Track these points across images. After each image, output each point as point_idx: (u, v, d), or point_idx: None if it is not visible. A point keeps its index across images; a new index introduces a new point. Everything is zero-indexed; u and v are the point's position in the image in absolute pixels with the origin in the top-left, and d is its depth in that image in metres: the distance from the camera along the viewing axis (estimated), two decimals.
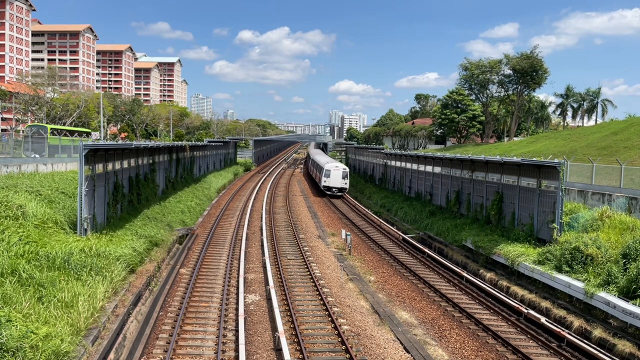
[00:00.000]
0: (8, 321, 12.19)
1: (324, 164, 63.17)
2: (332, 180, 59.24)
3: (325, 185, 59.68)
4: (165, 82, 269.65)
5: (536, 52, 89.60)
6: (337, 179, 59.37)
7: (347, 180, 60.36)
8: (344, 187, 59.95)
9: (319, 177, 63.57)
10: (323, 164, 63.39)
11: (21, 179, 26.02)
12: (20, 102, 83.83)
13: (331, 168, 59.64)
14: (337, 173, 59.53)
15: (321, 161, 67.99)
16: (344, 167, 61.16)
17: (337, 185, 59.34)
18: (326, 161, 66.09)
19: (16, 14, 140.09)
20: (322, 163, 64.65)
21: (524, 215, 28.50)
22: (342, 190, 59.64)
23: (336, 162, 63.90)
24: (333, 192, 59.11)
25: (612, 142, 48.23)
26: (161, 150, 40.65)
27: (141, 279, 21.26)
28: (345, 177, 59.59)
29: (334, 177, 59.35)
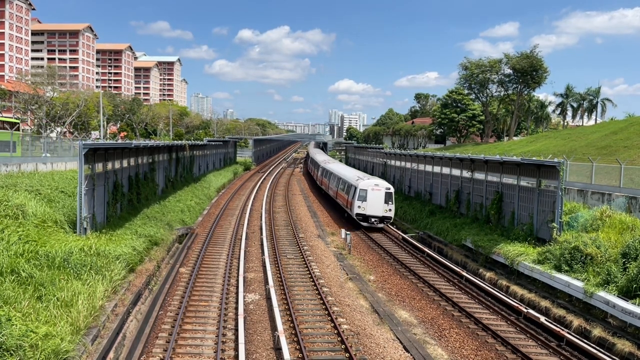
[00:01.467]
0: (8, 320, 12.18)
1: (353, 179, 42.30)
2: (371, 206, 38.69)
3: (360, 213, 38.83)
4: (165, 81, 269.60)
5: (536, 52, 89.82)
6: (377, 203, 38.68)
7: (393, 205, 39.16)
8: (388, 216, 38.98)
9: (346, 200, 42.43)
10: (352, 179, 42.60)
11: (21, 178, 26.01)
12: (19, 101, 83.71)
13: (368, 187, 39.02)
14: (377, 195, 38.74)
15: (347, 175, 46.00)
16: (387, 184, 40.09)
17: (377, 212, 38.61)
18: (357, 176, 43.83)
19: (16, 13, 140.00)
20: (351, 178, 43.32)
21: (524, 214, 28.51)
22: (385, 220, 39.05)
23: (374, 178, 42.58)
24: (372, 223, 38.59)
25: (611, 141, 48.28)
26: (161, 149, 40.64)
27: (141, 278, 21.26)
28: (389, 199, 38.91)
29: (374, 200, 38.70)
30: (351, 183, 41.57)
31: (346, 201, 42.49)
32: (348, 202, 41.58)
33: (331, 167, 57.27)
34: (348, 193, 41.65)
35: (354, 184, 40.49)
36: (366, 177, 42.29)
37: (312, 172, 74.90)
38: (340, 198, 45.40)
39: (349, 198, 41.16)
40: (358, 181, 40.31)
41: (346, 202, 42.50)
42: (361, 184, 39.23)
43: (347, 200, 42.12)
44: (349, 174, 46.21)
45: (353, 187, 40.42)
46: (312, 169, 75.61)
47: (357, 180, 40.97)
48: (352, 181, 41.77)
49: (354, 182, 40.78)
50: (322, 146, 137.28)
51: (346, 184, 43.35)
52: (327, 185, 54.28)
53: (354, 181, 41.15)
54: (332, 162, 64.87)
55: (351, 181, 41.98)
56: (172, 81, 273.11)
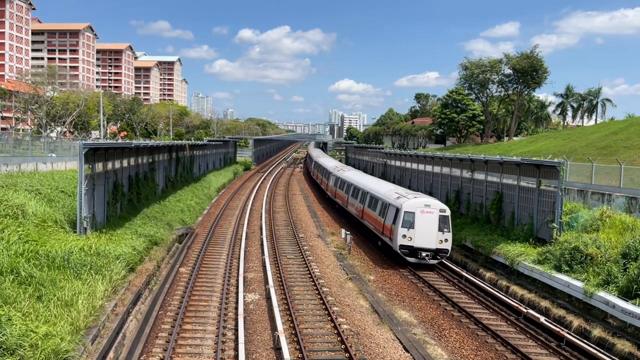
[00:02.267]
0: (8, 320, 12.18)
1: (391, 196, 31.14)
2: (421, 235, 27.85)
3: (406, 245, 27.97)
4: (165, 81, 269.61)
5: (536, 52, 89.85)
6: (429, 231, 27.96)
7: (450, 233, 28.43)
8: (444, 249, 28.20)
9: (380, 225, 31.32)
10: (389, 196, 31.42)
11: (21, 178, 26.02)
12: (20, 101, 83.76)
13: (415, 209, 28.14)
14: (428, 220, 28.05)
15: (380, 191, 34.09)
16: (440, 204, 29.21)
17: (429, 244, 27.94)
18: (395, 192, 32.16)
19: (16, 13, 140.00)
20: (386, 195, 32.04)
21: (524, 214, 28.50)
22: (439, 254, 28.26)
23: (421, 195, 30.79)
24: (422, 258, 27.88)
25: (611, 141, 48.28)
26: (161, 149, 40.64)
27: (141, 278, 21.26)
28: (445, 225, 28.15)
29: (424, 227, 27.92)
30: (388, 202, 30.38)
31: (381, 225, 31.13)
32: (384, 227, 30.36)
33: (351, 177, 44.86)
34: (383, 214, 30.73)
35: (393, 204, 29.47)
36: (409, 194, 30.22)
37: (318, 178, 64.62)
38: (370, 219, 34.16)
39: (385, 221, 30.24)
40: (400, 200, 29.07)
41: (381, 226, 31.11)
42: (405, 205, 28.05)
43: (381, 225, 30.94)
44: (383, 189, 34.26)
45: (392, 207, 29.40)
46: (319, 175, 64.51)
47: (397, 198, 29.77)
48: (389, 199, 30.60)
49: (394, 201, 29.58)
50: (322, 146, 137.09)
51: (380, 203, 32.15)
52: (345, 200, 42.94)
53: (393, 199, 29.92)
54: (349, 170, 52.77)
55: (388, 199, 30.80)
56: (172, 81, 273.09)
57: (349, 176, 45.75)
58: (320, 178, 62.56)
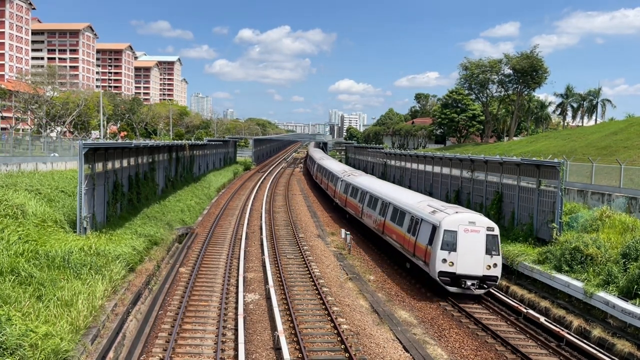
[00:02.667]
0: (8, 320, 12.18)
1: (424, 210, 25.84)
2: (464, 259, 23.06)
3: (447, 271, 23.07)
4: (165, 81, 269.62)
5: (536, 52, 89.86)
6: (474, 253, 23.18)
7: (500, 256, 23.54)
8: (493, 276, 23.30)
9: (411, 245, 25.79)
10: (422, 210, 26.01)
11: (21, 178, 26.02)
12: (20, 101, 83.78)
13: (458, 226, 23.17)
14: (474, 240, 23.19)
15: (410, 204, 28.09)
16: (487, 221, 24.07)
17: (475, 270, 23.10)
18: (429, 205, 26.46)
19: (16, 13, 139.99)
20: (419, 209, 26.40)
21: (524, 214, 28.51)
22: (487, 282, 23.36)
23: (463, 210, 25.33)
24: (466, 287, 22.97)
25: (611, 142, 48.27)
26: (161, 149, 40.65)
27: (141, 278, 21.26)
28: (493, 247, 23.36)
29: (469, 249, 23.12)
30: (421, 217, 25.07)
31: (410, 245, 25.63)
32: (416, 247, 24.90)
33: (365, 184, 38.31)
34: (414, 231, 25.40)
35: (428, 220, 24.18)
36: (447, 208, 24.67)
37: (323, 183, 58.22)
38: (394, 236, 28.49)
39: (417, 241, 24.72)
40: (437, 215, 23.77)
41: (410, 246, 25.62)
42: (446, 222, 22.87)
43: (411, 244, 25.49)
44: (411, 200, 28.51)
45: (427, 224, 24.18)
46: (323, 179, 58.18)
47: (433, 212, 24.45)
48: (422, 213, 25.24)
49: (429, 217, 24.30)
50: (322, 146, 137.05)
51: (408, 217, 26.67)
52: (359, 210, 37.05)
53: (428, 214, 24.67)
54: (360, 175, 45.67)
55: (420, 213, 25.40)
56: (172, 81, 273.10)
57: (362, 183, 39.10)
58: (325, 183, 55.82)
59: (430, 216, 24.47)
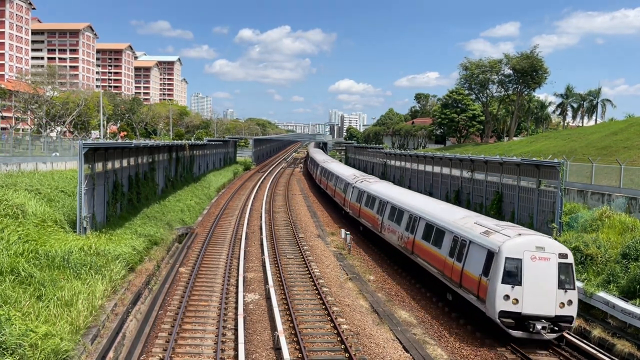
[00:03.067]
0: (7, 320, 12.18)
1: (473, 230, 20.47)
2: (532, 293, 17.76)
3: (511, 311, 17.77)
4: (165, 81, 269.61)
5: (536, 52, 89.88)
6: (544, 287, 17.83)
7: (575, 291, 18.07)
8: (567, 317, 17.88)
9: (457, 272, 20.35)
10: (469, 228, 20.78)
11: (21, 178, 26.01)
12: (20, 101, 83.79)
13: (523, 252, 17.89)
14: (542, 270, 17.85)
15: (448, 220, 22.78)
16: (559, 246, 18.71)
17: (546, 309, 17.80)
18: (482, 225, 20.66)
19: (16, 13, 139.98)
20: (465, 228, 21.02)
21: (524, 214, 28.51)
22: (561, 323, 17.86)
23: (527, 232, 19.60)
24: (535, 330, 17.51)
25: (611, 142, 48.28)
26: (161, 149, 40.65)
27: (140, 278, 21.26)
28: (567, 278, 18.02)
29: (536, 281, 17.79)
30: (469, 238, 19.86)
31: (456, 273, 20.39)
32: (463, 277, 19.82)
33: (385, 192, 32.63)
34: (459, 256, 20.25)
35: (481, 243, 19.08)
36: (506, 228, 19.69)
37: (329, 188, 51.41)
38: (429, 258, 23.20)
39: (464, 268, 19.71)
40: (494, 238, 18.81)
41: (456, 274, 20.34)
42: (508, 246, 17.97)
43: (456, 272, 20.32)
44: (451, 216, 23.07)
45: (479, 248, 19.11)
46: (329, 185, 51.69)
47: (485, 233, 19.45)
48: (470, 234, 20.05)
49: (481, 239, 19.30)
50: (322, 146, 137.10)
51: (450, 237, 21.41)
52: (378, 223, 31.31)
53: (479, 235, 19.62)
54: (377, 182, 38.60)
55: (467, 234, 20.20)
56: (172, 81, 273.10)
57: (381, 191, 33.35)
58: (332, 189, 49.42)
59: (483, 238, 19.19)
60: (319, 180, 62.02)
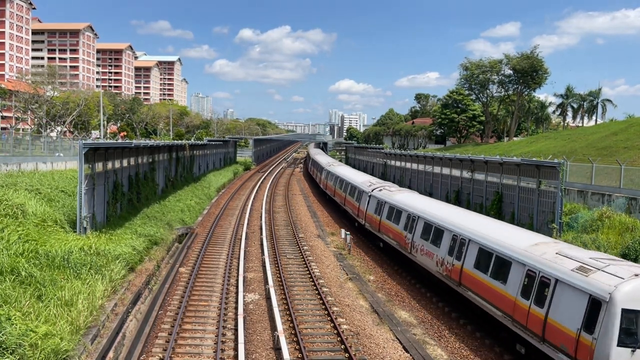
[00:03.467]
0: (8, 319, 12.20)
1: (565, 264, 14.85)
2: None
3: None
4: (165, 81, 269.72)
5: (536, 52, 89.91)
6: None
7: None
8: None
9: (549, 329, 14.44)
10: (557, 264, 15.09)
11: (21, 177, 26.02)
12: (20, 101, 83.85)
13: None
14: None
15: (517, 248, 17.16)
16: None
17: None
18: (576, 257, 15.05)
19: (16, 12, 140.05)
20: (547, 262, 15.47)
21: (524, 215, 28.52)
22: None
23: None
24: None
25: (611, 142, 48.28)
26: (161, 149, 40.66)
27: (141, 278, 21.27)
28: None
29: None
30: (560, 277, 14.68)
31: (534, 322, 15.35)
32: (550, 328, 14.68)
33: (414, 205, 26.86)
34: (542, 300, 15.16)
35: (579, 285, 13.94)
36: (613, 264, 14.35)
37: (337, 194, 45.44)
38: (492, 297, 17.92)
39: (552, 317, 14.64)
40: (597, 277, 13.76)
41: (535, 323, 15.30)
42: (622, 292, 12.90)
43: (537, 321, 15.24)
44: (521, 242, 17.90)
45: (577, 293, 13.91)
46: (337, 191, 45.59)
47: (584, 270, 14.37)
48: (562, 273, 14.78)
49: (581, 281, 14.02)
50: (322, 146, 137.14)
51: (525, 273, 16.22)
52: (408, 242, 25.85)
53: (576, 275, 14.34)
54: (400, 191, 32.26)
55: (557, 271, 14.96)
56: (172, 81, 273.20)
57: (408, 203, 27.69)
58: (341, 196, 43.46)
59: (578, 278, 14.06)
60: (324, 186, 55.64)
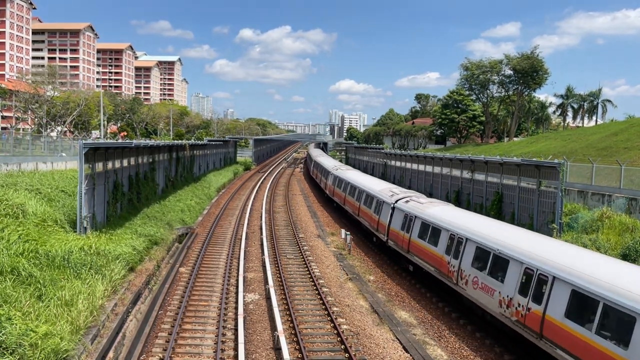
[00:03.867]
0: (8, 319, 12.20)
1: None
2: None
3: None
4: (166, 81, 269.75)
5: (537, 53, 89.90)
6: None
7: None
8: None
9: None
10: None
11: (21, 177, 26.02)
12: (20, 101, 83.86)
13: None
14: None
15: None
16: None
17: None
18: None
19: (16, 12, 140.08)
20: None
21: (524, 215, 28.51)
22: None
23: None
24: None
25: (612, 142, 48.26)
26: (161, 149, 40.65)
27: (141, 278, 21.27)
28: None
29: None
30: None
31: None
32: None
33: (467, 224, 20.98)
34: None
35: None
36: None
37: (349, 203, 39.84)
38: (576, 349, 13.15)
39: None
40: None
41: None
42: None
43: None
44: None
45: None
46: (349, 199, 39.94)
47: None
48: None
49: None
50: (322, 146, 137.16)
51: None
52: (453, 271, 20.50)
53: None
54: (439, 205, 26.37)
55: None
56: (172, 81, 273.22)
57: (448, 220, 22.20)
58: (353, 204, 38.06)
59: None
60: (330, 192, 49.56)
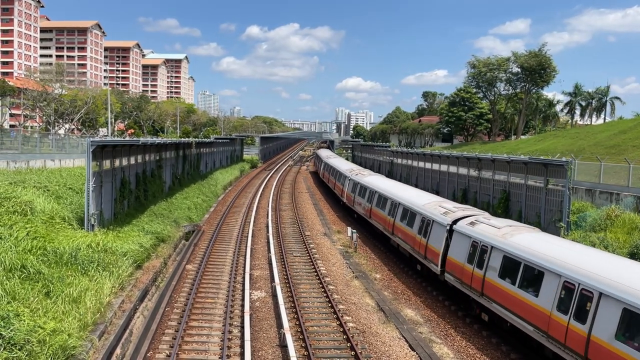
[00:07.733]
0: (16, 316, 12.29)
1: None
2: None
3: None
4: (172, 78, 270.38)
5: (545, 50, 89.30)
6: None
7: None
8: None
9: None
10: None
11: (29, 175, 26.18)
12: (28, 98, 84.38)
13: None
14: None
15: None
16: None
17: None
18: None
19: (25, 11, 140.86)
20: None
21: (531, 213, 28.39)
22: None
23: None
24: None
25: (620, 140, 47.95)
26: (168, 146, 40.78)
27: (147, 275, 21.37)
28: None
29: None
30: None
31: None
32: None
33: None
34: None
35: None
36: None
37: (376, 215, 33.06)
38: None
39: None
40: None
41: None
42: None
43: None
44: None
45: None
46: (375, 210, 33.28)
47: None
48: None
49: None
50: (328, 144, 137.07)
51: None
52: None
53: None
54: (513, 227, 19.19)
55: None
56: (179, 79, 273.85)
57: (568, 261, 15.00)
58: (384, 219, 31.12)
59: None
60: (349, 201, 41.89)
